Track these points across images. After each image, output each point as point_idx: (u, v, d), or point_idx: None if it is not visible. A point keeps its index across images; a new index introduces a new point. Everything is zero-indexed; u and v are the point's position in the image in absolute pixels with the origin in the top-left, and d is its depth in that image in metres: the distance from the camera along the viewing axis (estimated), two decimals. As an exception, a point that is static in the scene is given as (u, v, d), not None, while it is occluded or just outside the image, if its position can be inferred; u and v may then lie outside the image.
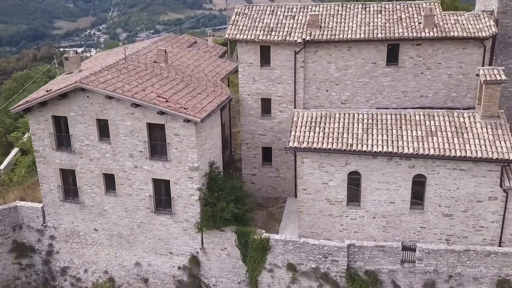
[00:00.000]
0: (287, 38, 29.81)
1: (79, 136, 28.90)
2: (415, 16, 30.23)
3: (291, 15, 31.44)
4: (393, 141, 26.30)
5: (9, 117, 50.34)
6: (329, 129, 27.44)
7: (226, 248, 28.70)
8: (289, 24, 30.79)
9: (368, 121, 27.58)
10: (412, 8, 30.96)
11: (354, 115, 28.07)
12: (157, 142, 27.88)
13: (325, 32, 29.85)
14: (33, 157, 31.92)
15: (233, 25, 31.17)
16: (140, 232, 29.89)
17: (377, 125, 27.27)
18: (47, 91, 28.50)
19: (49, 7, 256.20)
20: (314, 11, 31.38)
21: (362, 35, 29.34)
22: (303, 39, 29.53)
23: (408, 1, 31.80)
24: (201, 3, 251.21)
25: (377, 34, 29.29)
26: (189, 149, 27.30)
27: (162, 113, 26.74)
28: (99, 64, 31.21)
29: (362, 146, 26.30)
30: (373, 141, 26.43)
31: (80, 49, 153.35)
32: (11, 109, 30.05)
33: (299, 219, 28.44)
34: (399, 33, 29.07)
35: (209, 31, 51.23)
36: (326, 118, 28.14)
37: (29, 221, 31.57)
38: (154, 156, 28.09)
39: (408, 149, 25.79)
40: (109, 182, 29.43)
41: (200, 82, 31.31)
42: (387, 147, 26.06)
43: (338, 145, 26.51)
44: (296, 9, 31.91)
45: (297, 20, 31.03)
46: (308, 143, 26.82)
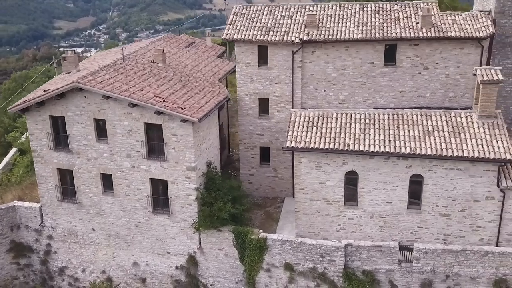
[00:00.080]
0: (285, 38, 29.82)
1: (76, 136, 28.94)
2: (412, 16, 30.23)
3: (288, 15, 31.44)
4: (390, 141, 26.30)
5: (8, 117, 50.17)
6: (326, 129, 27.43)
7: (223, 248, 28.72)
8: (286, 24, 30.79)
9: (365, 121, 27.56)
10: (409, 8, 30.96)
11: (351, 115, 28.07)
12: (154, 142, 27.91)
13: (323, 32, 29.85)
14: (31, 157, 31.94)
15: (230, 25, 31.17)
16: (138, 232, 29.92)
17: (374, 125, 27.26)
18: (44, 91, 28.54)
19: (49, 7, 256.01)
20: (312, 11, 31.38)
21: (360, 35, 29.34)
22: (300, 39, 29.54)
23: (406, 1, 31.81)
24: (201, 3, 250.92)
25: (375, 34, 29.30)
26: (186, 149, 27.32)
27: (159, 113, 26.76)
28: (97, 64, 31.23)
29: (359, 146, 26.29)
30: (370, 141, 26.42)
31: (80, 49, 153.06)
32: (8, 109, 30.06)
33: (296, 219, 28.44)
34: (396, 33, 29.07)
35: (207, 31, 51.21)
36: (323, 118, 28.14)
37: (27, 221, 31.60)
38: (152, 156, 28.13)
39: (405, 149, 25.80)
40: (107, 182, 29.47)
41: (197, 82, 31.33)
42: (384, 147, 26.06)
43: (335, 145, 26.51)
44: (294, 9, 31.91)
45: (295, 20, 31.03)
46: (306, 143, 26.82)
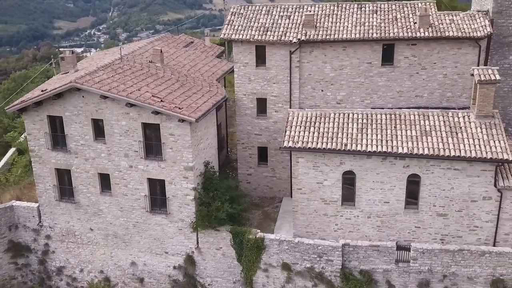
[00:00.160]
0: (283, 38, 29.82)
1: (74, 136, 28.96)
2: (410, 16, 30.23)
3: (286, 15, 31.44)
4: (387, 140, 26.30)
5: (7, 117, 50.22)
6: (324, 129, 27.44)
7: (221, 248, 28.73)
8: (284, 24, 30.79)
9: (362, 121, 27.57)
10: (407, 8, 30.96)
11: (348, 115, 28.07)
12: (152, 141, 27.93)
13: (321, 32, 29.86)
14: (30, 157, 31.95)
15: (228, 25, 31.17)
16: (136, 232, 29.94)
17: (371, 125, 27.26)
18: (42, 91, 28.56)
19: (49, 7, 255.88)
20: (310, 11, 31.38)
21: (357, 35, 29.34)
22: (298, 39, 29.54)
23: (404, 1, 31.81)
24: (201, 3, 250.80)
25: (372, 34, 29.30)
26: (184, 149, 27.34)
27: (157, 112, 26.77)
28: (95, 64, 31.24)
29: (357, 145, 26.30)
30: (367, 140, 26.43)
31: (80, 49, 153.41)
32: (6, 108, 30.10)
33: (294, 218, 28.44)
34: (394, 33, 29.08)
35: (206, 31, 51.00)
36: (320, 118, 28.14)
37: (25, 221, 31.62)
38: (149, 155, 28.14)
39: (403, 148, 25.81)
40: (105, 181, 29.49)
41: (195, 82, 31.34)
42: (382, 146, 26.07)
43: (332, 144, 26.52)
44: (292, 9, 31.90)
45: (293, 20, 31.03)
46: (303, 143, 26.83)
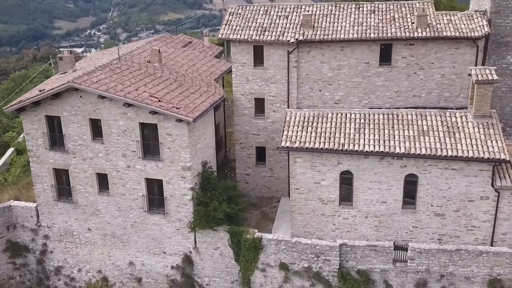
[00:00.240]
0: (280, 38, 29.84)
1: (72, 136, 28.97)
2: (408, 16, 30.25)
3: (284, 15, 31.46)
4: (385, 140, 26.32)
5: (6, 117, 50.30)
6: (321, 128, 27.46)
7: (219, 248, 28.75)
8: (282, 24, 30.80)
9: (360, 120, 27.58)
10: (405, 8, 30.97)
11: (346, 115, 28.08)
12: (149, 141, 27.94)
13: (318, 32, 29.87)
14: (28, 157, 31.95)
15: (226, 25, 31.18)
16: (134, 232, 29.96)
17: (369, 124, 27.27)
18: (40, 91, 28.59)
19: (49, 7, 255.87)
20: (308, 11, 31.40)
21: (355, 35, 29.35)
22: (296, 39, 29.56)
23: (401, 1, 31.81)
24: (201, 3, 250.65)
25: (370, 34, 29.32)
26: (181, 149, 27.35)
27: (154, 112, 26.79)
28: (93, 64, 31.25)
29: (354, 145, 26.31)
30: (365, 140, 26.44)
31: (80, 49, 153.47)
32: (4, 108, 30.12)
33: (291, 218, 28.47)
34: (392, 33, 29.10)
35: (205, 31, 51.13)
36: (318, 118, 28.15)
37: (23, 221, 31.64)
38: (147, 155, 28.16)
39: (400, 148, 25.82)
40: (102, 181, 29.50)
41: (193, 82, 31.36)
42: (379, 146, 26.08)
43: (330, 144, 26.54)
44: (290, 9, 31.90)
45: (291, 20, 31.04)
46: (300, 142, 26.84)
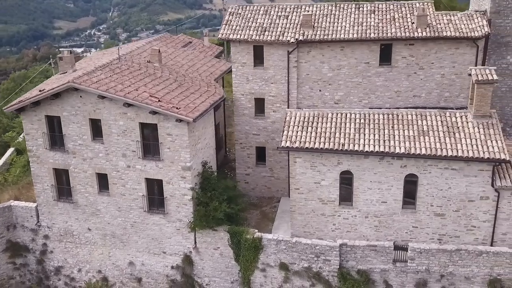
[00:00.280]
0: (280, 38, 29.83)
1: (72, 136, 28.97)
2: (408, 16, 30.24)
3: (284, 15, 31.45)
4: (385, 140, 26.31)
5: (6, 117, 50.31)
6: (321, 128, 27.45)
7: (219, 248, 28.74)
8: (282, 24, 30.80)
9: (360, 120, 27.57)
10: (405, 8, 30.96)
11: (346, 115, 28.08)
12: (149, 141, 27.94)
13: (318, 32, 29.87)
14: (28, 156, 31.96)
15: (226, 25, 31.17)
16: (134, 232, 29.95)
17: (369, 124, 27.26)
18: (40, 90, 28.59)
19: (49, 7, 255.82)
20: (308, 11, 31.40)
21: (355, 35, 29.34)
22: (296, 39, 29.55)
23: (401, 1, 31.81)
24: (201, 3, 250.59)
25: (370, 34, 29.31)
26: (181, 149, 27.35)
27: (154, 112, 26.78)
28: (93, 64, 31.25)
29: (354, 145, 26.30)
30: (365, 140, 26.43)
31: (80, 49, 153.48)
32: (4, 108, 30.12)
33: (291, 218, 28.46)
34: (392, 33, 29.09)
35: (205, 31, 51.12)
36: (318, 118, 28.15)
37: (23, 221, 31.64)
38: (147, 155, 28.16)
39: (400, 148, 25.81)
40: (102, 181, 29.50)
41: (193, 82, 31.36)
42: (379, 146, 26.07)
43: (330, 144, 26.53)
44: (290, 9, 31.90)
45: (291, 20, 31.03)
46: (300, 142, 26.84)
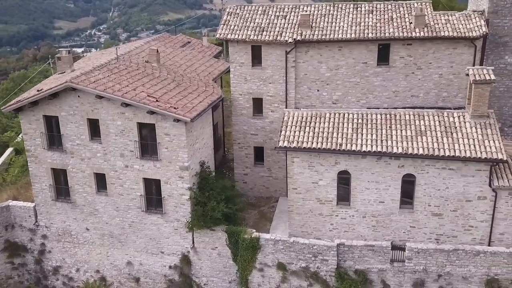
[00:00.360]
0: (278, 38, 29.85)
1: (70, 136, 29.00)
2: (406, 16, 30.25)
3: (282, 15, 31.47)
4: (382, 140, 26.31)
5: (5, 117, 50.35)
6: (319, 128, 27.45)
7: (216, 248, 28.76)
8: (280, 24, 30.82)
9: (357, 120, 27.58)
10: (403, 8, 30.97)
11: (344, 114, 28.08)
12: (147, 141, 27.96)
13: (316, 32, 29.88)
14: (26, 156, 31.99)
15: (224, 25, 31.19)
16: (132, 232, 29.97)
17: (366, 124, 27.26)
18: (38, 90, 28.62)
19: (49, 7, 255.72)
20: (306, 11, 31.41)
21: (353, 35, 29.36)
22: (294, 39, 29.57)
23: (399, 1, 31.83)
24: (201, 3, 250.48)
25: (368, 34, 29.32)
26: (179, 149, 27.36)
27: (152, 112, 26.79)
28: (91, 64, 31.29)
29: (352, 145, 26.31)
30: (362, 140, 26.44)
31: (80, 49, 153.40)
32: (2, 108, 30.15)
33: (289, 218, 28.47)
34: (389, 33, 29.10)
35: (204, 31, 51.09)
36: (316, 118, 28.16)
37: (21, 221, 31.67)
38: (145, 155, 28.17)
39: (397, 148, 25.82)
40: (100, 181, 29.52)
41: (191, 82, 31.37)
42: (377, 146, 26.08)
43: (327, 144, 26.54)
44: (288, 9, 31.93)
45: (289, 20, 31.06)
46: (298, 142, 26.85)
